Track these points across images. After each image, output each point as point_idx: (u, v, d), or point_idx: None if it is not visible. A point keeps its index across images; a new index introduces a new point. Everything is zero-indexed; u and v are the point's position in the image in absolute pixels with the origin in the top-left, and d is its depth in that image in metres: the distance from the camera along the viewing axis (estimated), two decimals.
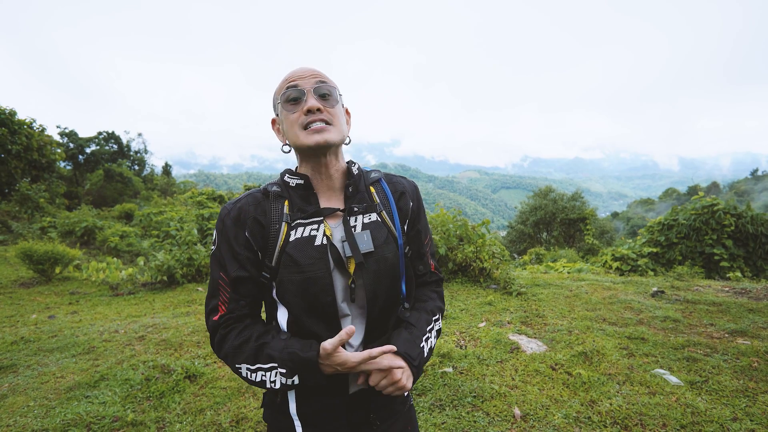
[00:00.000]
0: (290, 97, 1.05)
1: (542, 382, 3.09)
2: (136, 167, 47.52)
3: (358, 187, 1.14)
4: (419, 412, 2.76)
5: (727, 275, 8.88)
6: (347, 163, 1.17)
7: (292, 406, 1.07)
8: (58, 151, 27.67)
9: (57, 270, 7.87)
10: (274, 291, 1.06)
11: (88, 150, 41.71)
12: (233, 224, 1.05)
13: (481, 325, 4.30)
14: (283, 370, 0.98)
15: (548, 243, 25.03)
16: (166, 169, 49.90)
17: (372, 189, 1.16)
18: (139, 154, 48.33)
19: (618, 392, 2.90)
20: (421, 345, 1.09)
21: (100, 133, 43.71)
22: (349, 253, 1.03)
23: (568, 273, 7.50)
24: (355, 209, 1.10)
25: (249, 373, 1.02)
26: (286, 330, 1.05)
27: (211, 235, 12.72)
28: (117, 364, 3.72)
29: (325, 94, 1.06)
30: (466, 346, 3.77)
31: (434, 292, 1.24)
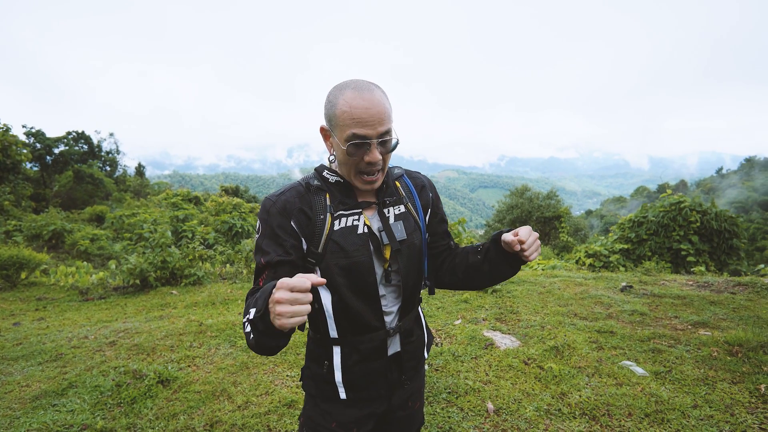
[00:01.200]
0: (355, 143, 1.07)
1: (515, 377, 3.16)
2: (108, 168, 46.16)
3: (388, 182, 1.28)
4: None
5: (693, 270, 9.23)
6: None
7: (338, 374, 1.21)
8: (24, 151, 26.65)
9: (23, 275, 7.58)
10: (318, 275, 1.15)
11: (56, 150, 40.27)
12: (279, 214, 1.14)
13: (457, 322, 4.36)
14: (251, 311, 0.95)
15: None
16: (140, 170, 48.64)
17: (397, 183, 1.31)
18: (110, 155, 46.96)
19: (587, 384, 2.99)
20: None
21: (69, 133, 42.25)
22: (386, 241, 1.18)
23: (542, 270, 7.66)
24: (387, 202, 1.24)
25: (244, 327, 0.99)
26: (332, 311, 1.17)
27: (186, 236, 12.49)
28: (86, 371, 3.62)
29: (387, 143, 1.11)
30: (441, 344, 3.82)
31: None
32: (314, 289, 1.17)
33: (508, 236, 1.16)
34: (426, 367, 3.34)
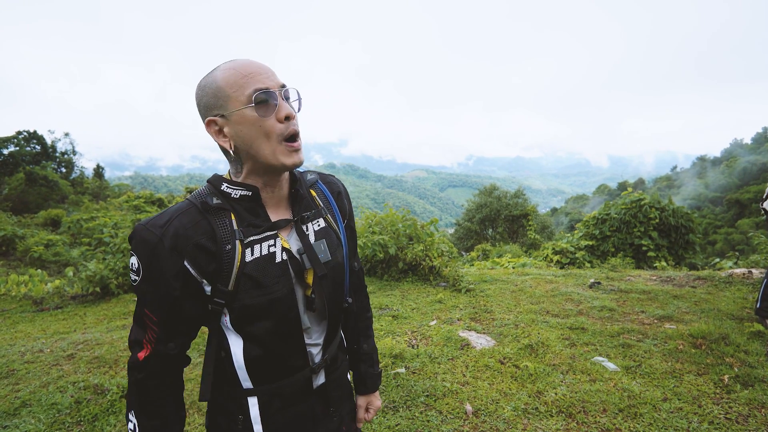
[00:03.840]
0: (261, 99, 0.87)
1: (492, 377, 3.17)
2: (64, 170, 43.99)
3: (302, 192, 1.07)
4: None
5: (654, 265, 9.60)
6: None
7: (257, 428, 1.00)
8: None
9: None
10: (227, 318, 0.97)
11: (5, 151, 37.99)
12: (167, 253, 0.87)
13: (432, 323, 4.35)
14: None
15: (494, 239, 25.96)
16: (98, 172, 46.58)
17: (312, 192, 1.11)
18: (66, 156, 44.78)
19: (562, 382, 3.03)
20: (378, 365, 1.34)
21: (19, 133, 40.00)
22: (308, 265, 0.99)
23: (513, 268, 7.79)
24: (306, 216, 1.04)
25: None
26: (243, 360, 0.97)
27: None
28: (42, 388, 3.38)
29: (292, 99, 0.95)
30: (418, 346, 3.80)
31: (368, 301, 1.36)
32: (219, 333, 1.00)
33: (360, 413, 1.30)
34: (402, 370, 3.31)
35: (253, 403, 1.00)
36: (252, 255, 0.94)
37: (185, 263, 0.89)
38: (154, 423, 0.97)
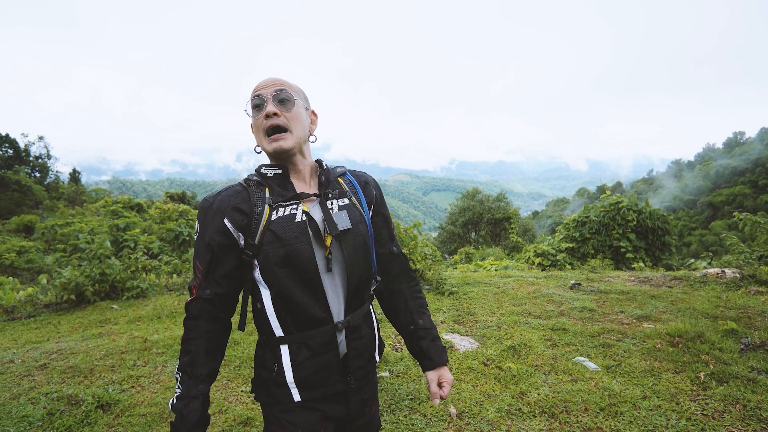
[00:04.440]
0: (254, 104, 1.21)
1: (475, 379, 3.18)
2: (37, 174, 42.72)
3: (329, 178, 1.29)
4: None
5: (632, 266, 9.81)
6: (316, 160, 1.34)
7: (289, 375, 1.17)
8: None
9: None
10: (257, 270, 1.17)
11: None
12: (214, 214, 1.17)
13: None
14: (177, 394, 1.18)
15: (477, 242, 26.19)
16: (74, 176, 45.36)
17: (340, 180, 1.32)
18: (40, 160, 43.53)
19: (544, 382, 3.05)
20: (441, 342, 1.39)
21: None
22: (329, 230, 1.17)
23: (496, 270, 7.86)
24: (330, 195, 1.25)
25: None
26: (273, 308, 1.17)
27: (128, 246, 11.73)
28: (12, 399, 3.25)
29: (284, 99, 1.20)
30: (401, 349, 3.79)
31: (418, 284, 1.44)
32: (254, 287, 1.21)
33: (433, 387, 1.33)
34: (387, 374, 3.29)
35: (284, 351, 1.18)
36: (276, 215, 1.17)
37: (225, 220, 1.17)
38: (184, 359, 1.18)
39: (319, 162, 1.34)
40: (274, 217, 1.16)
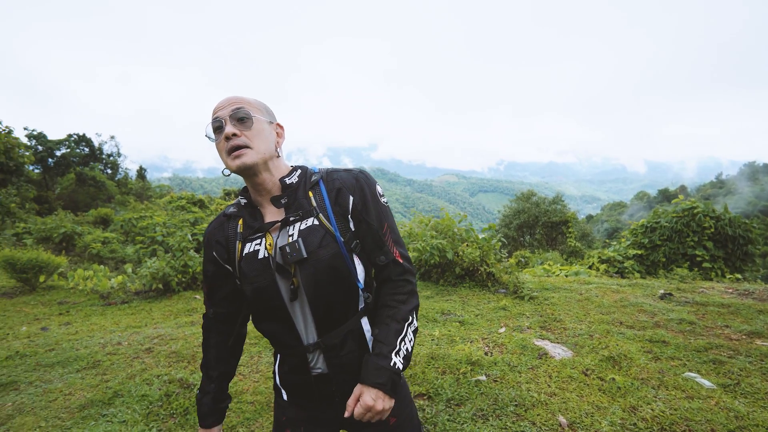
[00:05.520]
0: (214, 127, 1.19)
1: (579, 389, 3.07)
2: (109, 171, 45.99)
3: (296, 196, 1.23)
4: (462, 423, 2.69)
5: (710, 276, 9.13)
6: (282, 177, 1.25)
7: (277, 378, 1.33)
8: (27, 154, 26.51)
9: (41, 279, 7.46)
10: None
11: (58, 153, 40.10)
12: (206, 245, 1.32)
13: (501, 330, 4.27)
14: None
15: (531, 246, 25.41)
16: (141, 173, 48.51)
17: (310, 193, 1.23)
18: (111, 158, 46.79)
19: (656, 397, 2.89)
20: (392, 361, 1.16)
21: (70, 136, 42.11)
22: (281, 261, 1.16)
23: (566, 276, 7.58)
24: (291, 219, 1.19)
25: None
26: (260, 329, 1.28)
27: (199, 240, 12.37)
28: (129, 379, 3.51)
29: (242, 118, 1.17)
30: (492, 353, 3.73)
31: (403, 294, 1.25)
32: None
33: (350, 399, 1.17)
34: (483, 378, 3.25)
35: (278, 359, 1.32)
36: (245, 251, 1.21)
37: (213, 253, 1.29)
38: (202, 361, 1.38)
39: (282, 181, 1.24)
40: (245, 252, 1.21)
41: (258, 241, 1.20)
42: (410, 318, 1.23)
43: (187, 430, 2.75)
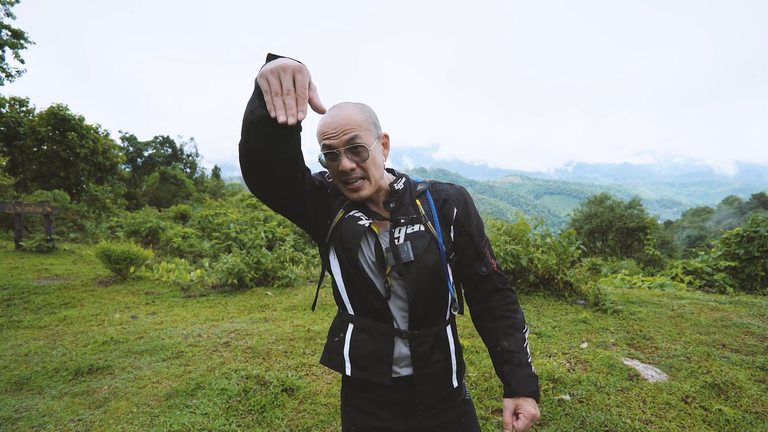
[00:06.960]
0: (327, 154, 1.15)
1: (679, 418, 2.75)
2: (188, 170, 49.54)
3: (402, 202, 1.25)
4: None
5: None
6: (390, 184, 1.28)
7: (346, 347, 1.25)
8: (120, 154, 29.25)
9: (131, 270, 8.14)
10: (332, 250, 1.25)
11: (145, 153, 43.89)
12: (324, 177, 1.30)
13: (583, 345, 3.97)
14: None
15: (603, 252, 23.86)
16: (216, 172, 51.74)
17: (418, 202, 1.26)
18: (191, 158, 50.36)
19: None
20: (533, 369, 1.21)
21: (156, 138, 45.92)
22: (392, 262, 1.17)
23: (649, 288, 6.96)
24: (401, 221, 1.22)
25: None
26: (343, 284, 1.24)
27: (268, 237, 12.91)
28: (209, 372, 3.68)
29: (358, 149, 1.13)
30: (574, 370, 3.47)
31: (513, 303, 1.29)
32: (330, 262, 1.27)
33: (506, 416, 1.17)
34: (567, 397, 3.02)
35: (350, 327, 1.26)
36: (345, 216, 1.23)
37: (329, 191, 1.28)
38: None
39: (392, 185, 1.28)
40: (346, 216, 1.23)
41: (363, 216, 1.22)
42: (525, 326, 1.28)
43: (264, 428, 2.81)
